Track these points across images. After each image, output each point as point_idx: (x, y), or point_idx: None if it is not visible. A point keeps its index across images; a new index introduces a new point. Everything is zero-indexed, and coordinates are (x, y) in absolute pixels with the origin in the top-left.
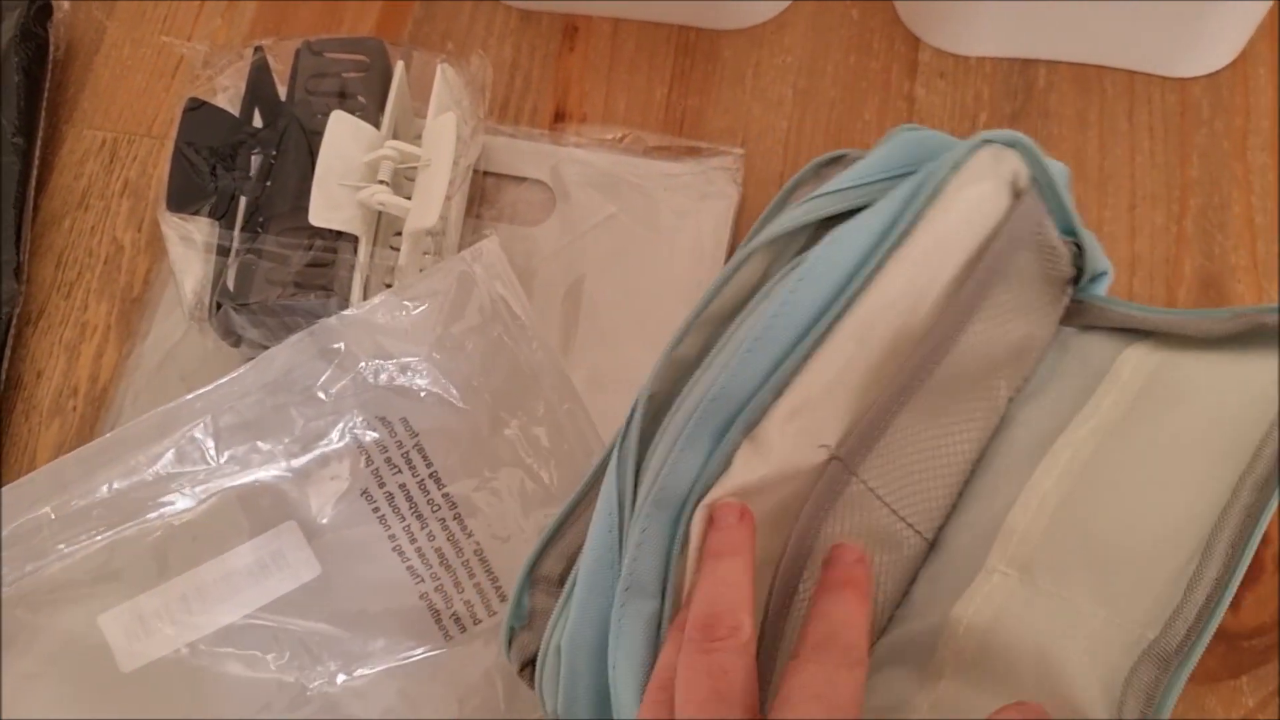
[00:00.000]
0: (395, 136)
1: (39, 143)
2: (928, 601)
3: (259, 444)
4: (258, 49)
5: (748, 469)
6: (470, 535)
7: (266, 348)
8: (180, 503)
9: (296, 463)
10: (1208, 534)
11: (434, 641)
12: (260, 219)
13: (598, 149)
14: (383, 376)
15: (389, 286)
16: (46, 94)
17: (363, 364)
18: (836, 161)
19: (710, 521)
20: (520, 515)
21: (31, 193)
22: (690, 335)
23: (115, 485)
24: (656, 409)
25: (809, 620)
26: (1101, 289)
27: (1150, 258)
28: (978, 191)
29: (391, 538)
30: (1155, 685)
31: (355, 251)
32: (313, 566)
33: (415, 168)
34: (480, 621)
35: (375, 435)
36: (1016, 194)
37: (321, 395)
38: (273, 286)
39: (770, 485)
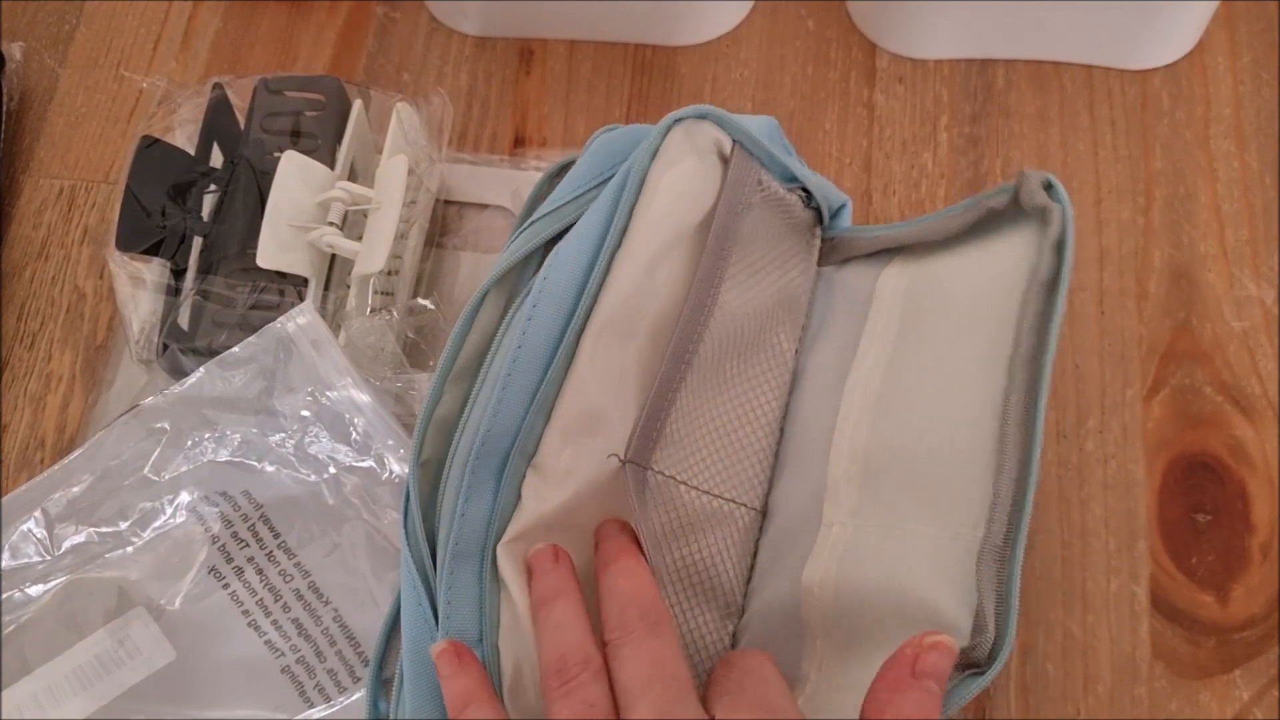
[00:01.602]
0: (357, 174)
1: None
2: (774, 568)
3: (95, 531)
4: (216, 85)
5: (538, 499)
6: (327, 603)
7: None
8: (24, 598)
9: (137, 547)
10: (999, 424)
11: (300, 714)
12: (211, 259)
13: None
14: (220, 451)
15: (339, 327)
16: (1, 145)
17: (190, 440)
18: (565, 170)
19: (529, 571)
20: (373, 577)
21: None
22: (447, 393)
23: None
24: (434, 474)
25: (600, 600)
26: (845, 220)
27: (1119, 251)
28: (681, 171)
29: (245, 613)
30: (1000, 578)
31: (302, 295)
32: (166, 651)
33: (368, 209)
34: (346, 689)
35: (217, 510)
36: (724, 160)
37: (153, 476)
38: (220, 329)
39: (574, 509)
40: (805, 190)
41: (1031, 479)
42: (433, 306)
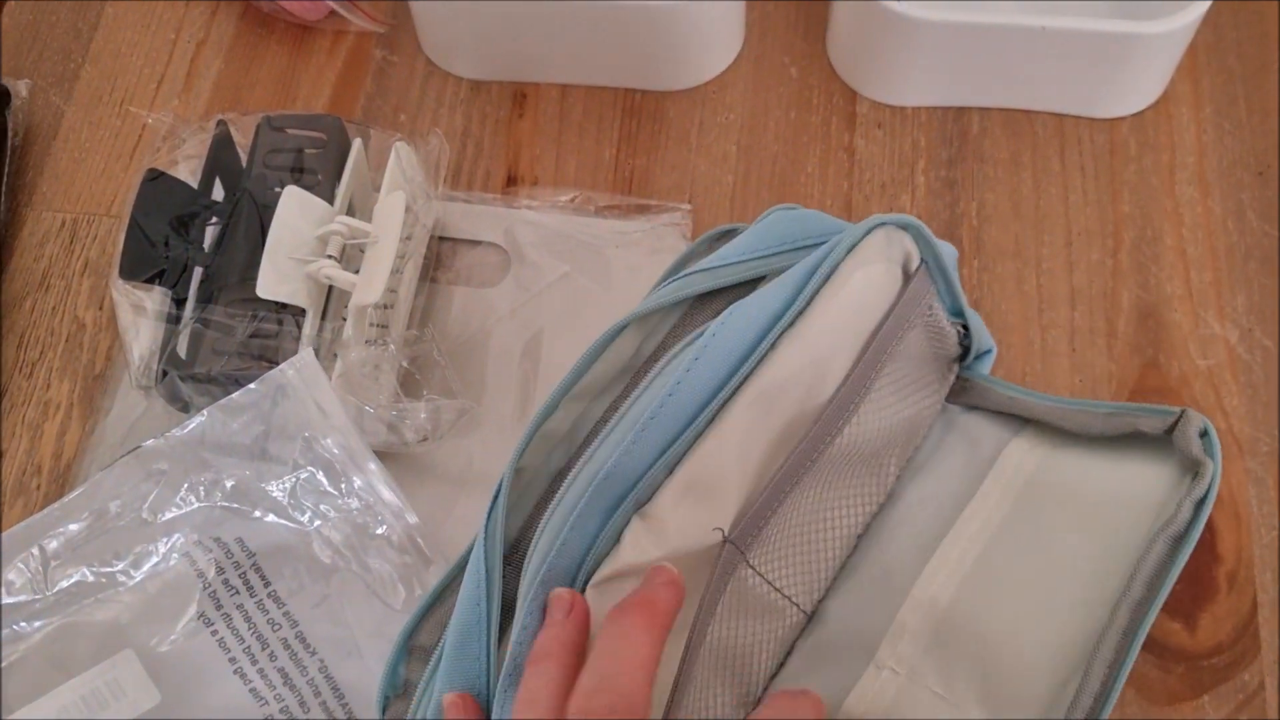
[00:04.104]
0: (355, 211)
1: None
2: (808, 676)
3: (88, 571)
4: (220, 121)
5: (637, 549)
6: (314, 653)
7: None
8: (15, 635)
9: (129, 588)
10: (1088, 652)
11: None
12: (211, 289)
13: (550, 210)
14: (216, 495)
15: (336, 356)
16: (6, 178)
17: (187, 483)
18: (728, 235)
19: (545, 608)
20: (361, 629)
21: None
22: (560, 410)
23: None
24: (526, 481)
25: (594, 647)
26: (985, 367)
27: (1089, 290)
28: (870, 273)
29: (232, 660)
30: None
31: (300, 324)
32: (151, 694)
33: (365, 244)
34: None
35: (210, 555)
36: (907, 275)
37: (149, 517)
38: (218, 356)
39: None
40: (965, 327)
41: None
42: (427, 339)
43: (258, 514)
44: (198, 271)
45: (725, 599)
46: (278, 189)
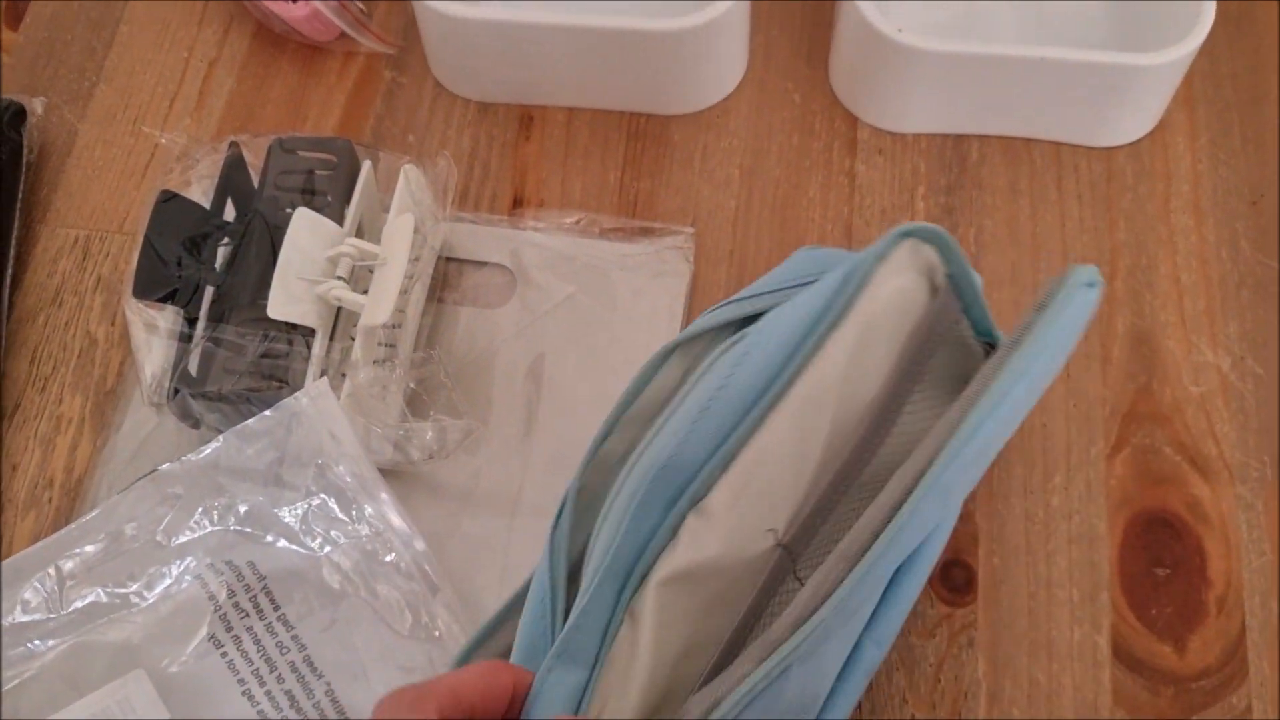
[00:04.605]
0: (364, 232)
1: (13, 242)
2: None
3: (102, 591)
4: (233, 143)
5: (696, 545)
6: (321, 676)
7: (222, 431)
8: (29, 653)
9: (142, 609)
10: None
11: None
12: (222, 309)
13: (555, 232)
14: (229, 519)
15: (344, 376)
16: (21, 195)
17: (201, 508)
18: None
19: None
20: (368, 654)
21: (7, 291)
22: (615, 434)
23: None
24: (585, 504)
25: None
26: None
27: None
28: (901, 282)
29: (240, 681)
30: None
31: (309, 344)
32: (161, 714)
33: (374, 265)
34: None
35: (222, 579)
36: (934, 289)
37: (163, 540)
38: (229, 375)
39: (720, 569)
40: (992, 345)
41: None
42: (433, 360)
43: (269, 539)
44: (209, 291)
45: (773, 610)
46: (288, 210)
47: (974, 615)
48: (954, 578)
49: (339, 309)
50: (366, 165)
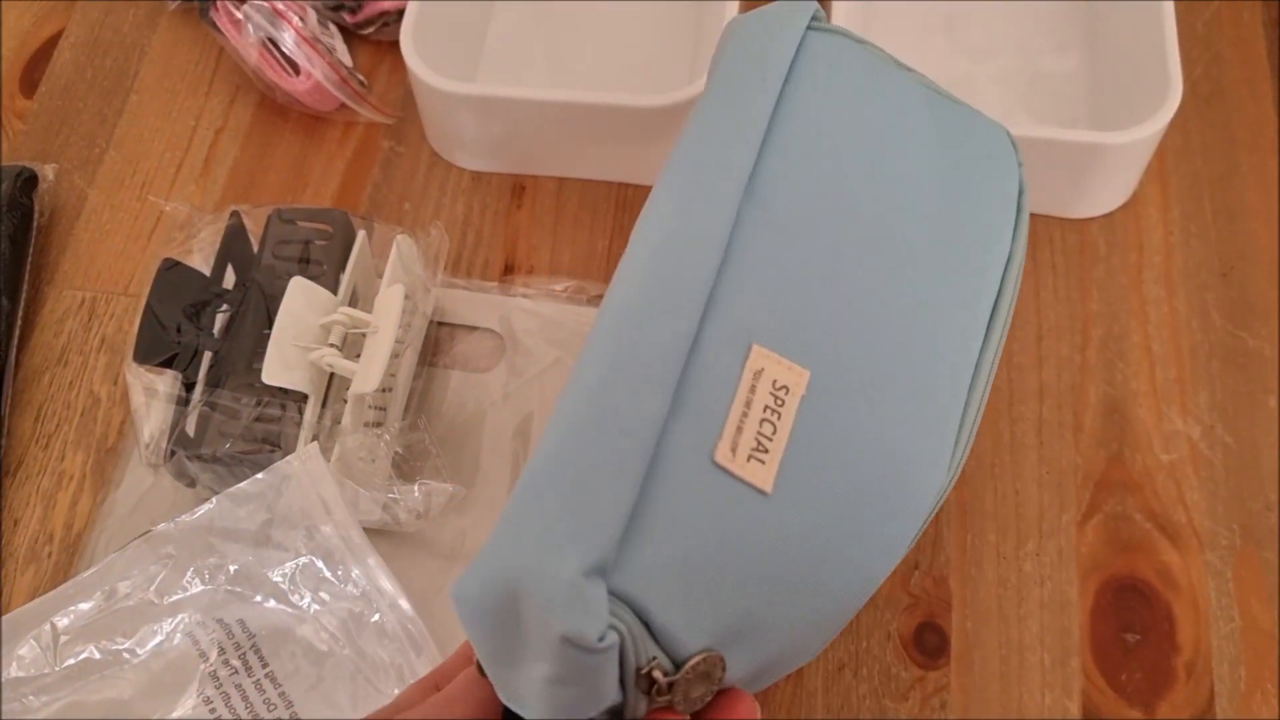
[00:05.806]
0: (359, 298)
1: (22, 303)
2: None
3: (95, 648)
4: (234, 213)
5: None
6: None
7: (217, 491)
8: (25, 710)
9: (134, 666)
10: None
11: None
12: (219, 373)
13: (544, 299)
14: (220, 578)
15: (335, 441)
16: (30, 257)
17: (194, 567)
18: None
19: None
20: (353, 712)
21: (14, 351)
22: None
23: None
24: None
25: None
26: None
27: (1057, 385)
28: None
29: None
30: None
31: (302, 409)
32: None
33: (366, 332)
34: None
35: (213, 636)
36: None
37: (156, 599)
38: (224, 438)
39: None
40: None
41: None
42: (420, 428)
43: (259, 598)
44: (207, 356)
45: None
46: (285, 279)
47: (947, 679)
48: (927, 641)
49: (331, 374)
50: (361, 235)
